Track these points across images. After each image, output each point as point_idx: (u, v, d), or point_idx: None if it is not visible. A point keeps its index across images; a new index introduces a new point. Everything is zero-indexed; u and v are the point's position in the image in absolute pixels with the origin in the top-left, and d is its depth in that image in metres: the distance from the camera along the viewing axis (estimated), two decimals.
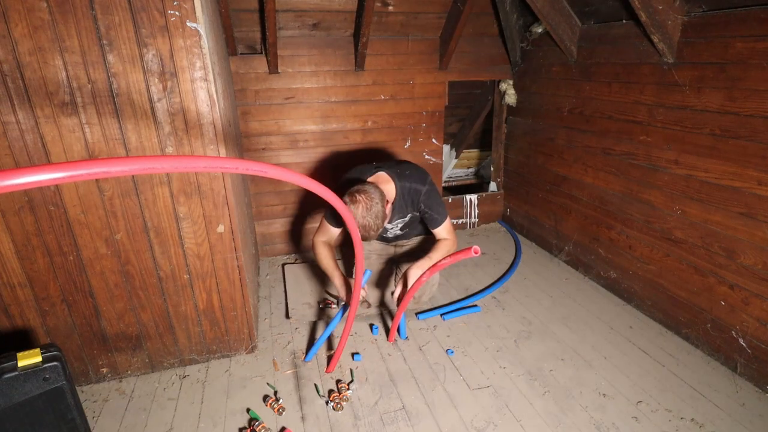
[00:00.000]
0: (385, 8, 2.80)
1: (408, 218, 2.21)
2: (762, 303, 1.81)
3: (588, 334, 2.23)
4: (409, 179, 2.09)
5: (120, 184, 1.70)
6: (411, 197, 2.10)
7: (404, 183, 2.08)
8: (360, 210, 1.81)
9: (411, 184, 2.08)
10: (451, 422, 1.71)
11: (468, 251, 1.54)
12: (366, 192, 1.85)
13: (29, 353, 1.29)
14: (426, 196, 2.09)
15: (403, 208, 2.13)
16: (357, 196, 1.83)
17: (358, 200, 1.82)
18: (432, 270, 1.80)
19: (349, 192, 1.87)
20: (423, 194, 2.08)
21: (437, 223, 2.14)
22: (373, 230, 1.86)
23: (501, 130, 3.60)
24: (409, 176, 2.10)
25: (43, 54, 1.48)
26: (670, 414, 1.72)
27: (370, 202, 1.83)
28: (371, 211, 1.82)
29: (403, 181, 2.08)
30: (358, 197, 1.83)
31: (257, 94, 2.85)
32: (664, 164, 2.17)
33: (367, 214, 1.82)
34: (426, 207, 2.10)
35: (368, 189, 1.87)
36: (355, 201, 1.82)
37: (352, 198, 1.84)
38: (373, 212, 1.83)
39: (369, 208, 1.82)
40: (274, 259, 3.18)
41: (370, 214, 1.82)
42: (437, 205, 2.12)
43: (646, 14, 1.96)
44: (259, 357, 2.11)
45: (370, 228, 1.84)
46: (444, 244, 2.13)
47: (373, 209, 1.83)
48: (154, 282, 1.86)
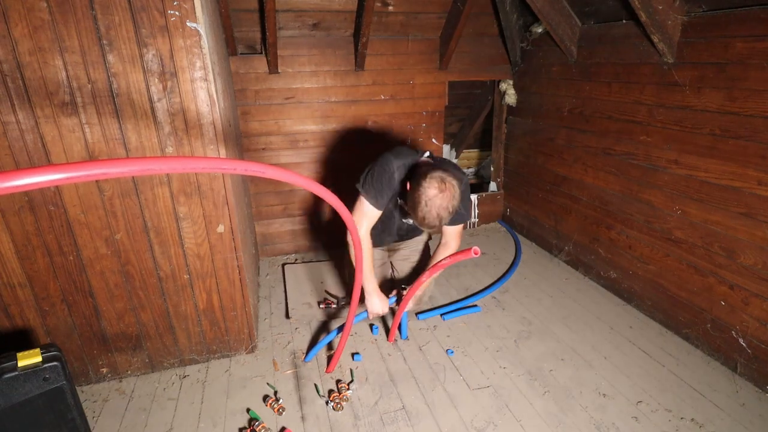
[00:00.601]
0: (385, 8, 2.80)
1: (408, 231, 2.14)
2: (762, 303, 1.80)
3: (588, 334, 2.23)
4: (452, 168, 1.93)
5: (120, 184, 1.70)
6: None
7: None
8: (446, 201, 1.66)
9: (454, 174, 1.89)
10: (451, 422, 1.71)
11: (468, 252, 1.54)
12: (454, 186, 1.69)
13: (29, 353, 1.29)
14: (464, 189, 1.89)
15: None
16: (446, 187, 1.67)
17: (446, 191, 1.66)
18: (432, 270, 1.80)
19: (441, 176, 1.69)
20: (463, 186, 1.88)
21: (461, 219, 2.00)
22: (437, 226, 1.72)
23: (501, 130, 3.60)
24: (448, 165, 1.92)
25: (43, 54, 1.48)
26: (670, 414, 1.72)
27: (456, 190, 1.68)
28: (455, 200, 1.68)
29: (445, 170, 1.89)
30: (447, 188, 1.66)
31: (257, 94, 2.85)
32: (664, 164, 2.16)
33: (450, 203, 1.67)
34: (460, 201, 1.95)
35: (453, 174, 1.72)
36: (443, 190, 1.66)
37: (442, 185, 1.67)
38: (456, 201, 1.69)
39: (454, 196, 1.68)
40: (274, 259, 3.18)
41: (454, 203, 1.68)
42: (468, 201, 1.98)
43: (646, 14, 1.96)
44: (259, 357, 2.11)
45: (436, 222, 1.69)
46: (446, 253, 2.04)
47: (456, 198, 1.69)
48: (154, 282, 1.86)
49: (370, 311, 2.03)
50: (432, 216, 1.66)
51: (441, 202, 1.64)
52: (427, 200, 1.65)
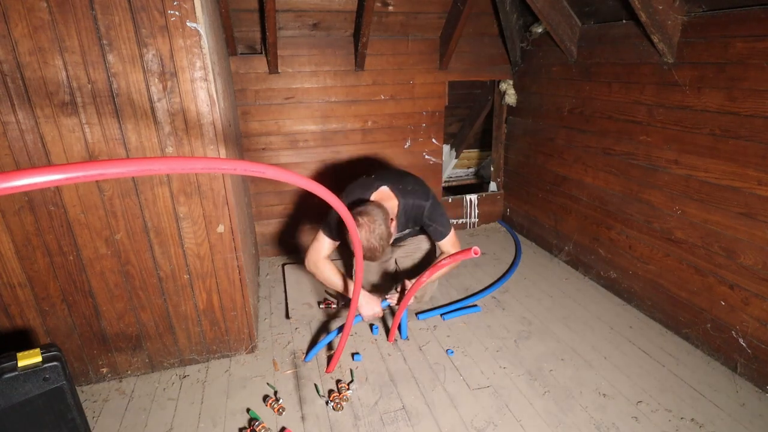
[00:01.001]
0: (385, 8, 2.80)
1: (407, 232, 2.18)
2: (762, 303, 1.80)
3: (588, 334, 2.23)
4: (412, 195, 2.04)
5: (120, 184, 1.70)
6: (414, 212, 2.06)
7: (407, 200, 2.03)
8: (364, 233, 1.78)
9: (414, 200, 2.03)
10: (451, 422, 1.71)
11: (468, 252, 1.54)
12: (369, 214, 1.81)
13: (29, 353, 1.29)
14: (429, 211, 2.05)
15: (403, 224, 2.08)
16: (360, 219, 1.79)
17: (361, 223, 1.78)
18: (432, 270, 1.80)
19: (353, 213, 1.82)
20: (426, 209, 2.04)
21: (442, 235, 2.10)
22: (379, 252, 1.83)
23: (501, 130, 3.60)
24: (411, 192, 2.05)
25: (43, 54, 1.48)
26: (670, 414, 1.72)
27: (374, 224, 1.79)
28: (374, 234, 1.79)
29: (406, 198, 2.03)
30: (361, 220, 1.79)
31: (257, 94, 2.85)
32: (664, 164, 2.16)
33: (371, 236, 1.78)
34: (430, 221, 2.06)
35: (371, 210, 1.83)
36: (359, 224, 1.78)
37: (355, 221, 1.76)
38: (377, 234, 1.79)
39: (372, 230, 1.79)
40: (274, 259, 3.18)
41: (374, 236, 1.79)
42: (440, 217, 2.08)
43: (646, 14, 1.96)
44: (259, 357, 2.11)
45: (376, 250, 1.81)
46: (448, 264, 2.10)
47: (377, 231, 1.79)
48: (154, 282, 1.86)
49: (365, 315, 2.07)
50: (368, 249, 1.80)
51: (362, 237, 1.78)
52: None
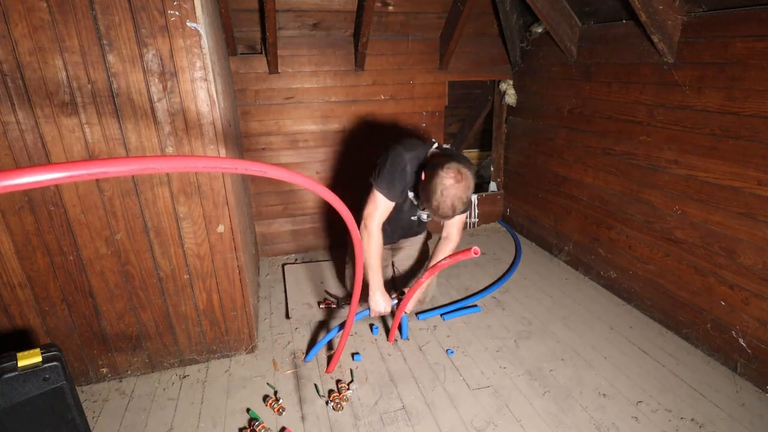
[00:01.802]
0: (385, 8, 2.80)
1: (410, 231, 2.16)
2: (762, 303, 1.80)
3: (588, 334, 2.23)
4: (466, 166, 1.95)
5: (120, 184, 1.70)
6: None
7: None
8: (461, 191, 1.72)
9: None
10: (451, 422, 1.71)
11: (468, 252, 1.54)
12: (469, 177, 1.75)
13: (29, 353, 1.29)
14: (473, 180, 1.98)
15: None
16: (462, 178, 1.72)
17: (462, 181, 1.72)
18: (432, 270, 1.80)
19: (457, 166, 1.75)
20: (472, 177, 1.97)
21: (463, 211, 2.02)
22: (451, 215, 1.78)
23: (501, 130, 3.60)
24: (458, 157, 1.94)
25: (43, 54, 1.48)
26: (670, 414, 1.72)
27: (470, 183, 1.75)
28: (470, 190, 1.75)
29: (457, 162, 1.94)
30: (463, 179, 1.72)
31: (257, 94, 2.85)
32: (664, 164, 2.16)
33: (465, 193, 1.73)
34: None
35: (468, 174, 1.76)
36: (459, 180, 1.72)
37: (458, 176, 1.73)
38: (469, 194, 1.76)
39: (469, 186, 1.74)
40: (274, 259, 3.18)
41: (467, 195, 1.75)
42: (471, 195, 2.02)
43: (646, 14, 1.96)
44: (259, 357, 2.11)
45: (451, 212, 1.76)
46: (447, 246, 2.09)
47: (469, 192, 1.76)
48: (154, 282, 1.86)
49: (373, 309, 2.04)
50: (447, 205, 1.72)
51: (456, 192, 1.70)
52: (443, 190, 1.71)
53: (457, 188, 1.70)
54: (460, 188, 1.70)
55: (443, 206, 1.72)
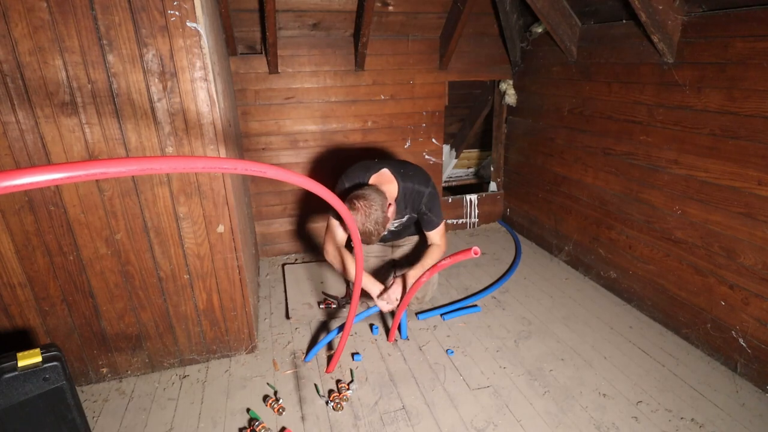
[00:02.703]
0: (385, 8, 2.80)
1: (405, 219, 2.20)
2: (762, 303, 1.80)
3: (588, 334, 2.23)
4: (413, 180, 2.07)
5: (120, 184, 1.70)
6: (413, 198, 2.09)
7: (407, 183, 2.06)
8: (359, 217, 1.79)
9: (414, 185, 2.06)
10: (451, 422, 1.71)
11: (468, 252, 1.54)
12: (365, 198, 1.83)
13: (29, 353, 1.29)
14: (428, 199, 2.08)
15: (402, 209, 2.11)
16: (356, 203, 1.81)
17: (357, 207, 1.80)
18: (432, 270, 1.80)
19: (348, 199, 1.86)
20: (426, 196, 2.07)
21: (433, 225, 2.13)
22: (374, 235, 1.85)
23: (501, 130, 3.60)
24: (412, 177, 2.08)
25: (43, 54, 1.48)
26: (670, 414, 1.72)
27: (369, 209, 1.81)
28: (370, 218, 1.81)
29: (406, 182, 2.06)
30: (357, 204, 1.81)
31: (257, 94, 2.85)
32: (664, 164, 2.16)
33: (366, 220, 1.80)
34: (426, 209, 2.10)
35: (368, 194, 1.84)
36: (354, 208, 1.80)
37: (351, 205, 1.82)
38: (373, 218, 1.81)
39: (368, 215, 1.80)
40: (274, 259, 3.18)
41: (370, 221, 1.81)
42: (437, 208, 2.12)
43: (646, 14, 1.96)
44: (259, 357, 2.11)
45: (371, 233, 1.83)
46: (435, 249, 2.15)
47: (372, 216, 1.81)
48: (154, 282, 1.86)
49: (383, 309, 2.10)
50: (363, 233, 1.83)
51: (357, 220, 1.80)
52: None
53: (358, 215, 1.80)
54: (360, 214, 1.80)
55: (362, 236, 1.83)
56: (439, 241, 2.17)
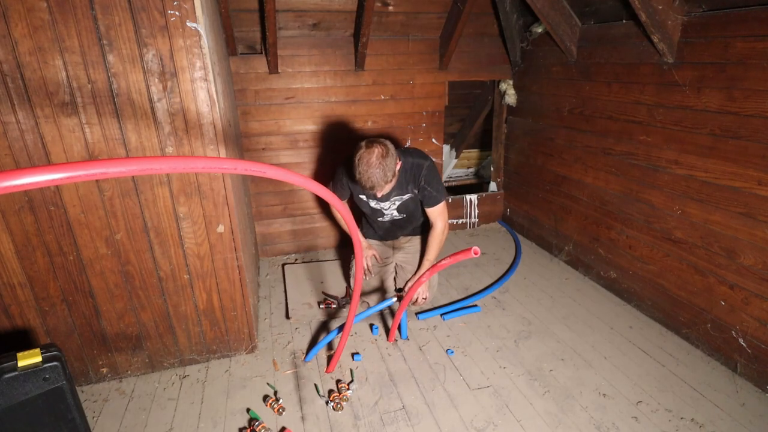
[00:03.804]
0: (385, 8, 2.80)
1: (407, 197, 2.22)
2: (762, 303, 1.80)
3: (588, 334, 2.23)
4: (412, 155, 2.15)
5: (120, 184, 1.70)
6: (413, 172, 2.14)
7: (407, 158, 2.13)
8: (374, 157, 1.81)
9: (414, 159, 2.13)
10: (451, 422, 1.71)
11: (468, 252, 1.54)
12: (383, 144, 1.87)
13: (29, 353, 1.29)
14: (427, 171, 2.13)
15: (403, 184, 2.15)
16: (375, 144, 1.84)
17: (374, 147, 1.83)
18: (432, 271, 1.80)
19: (367, 140, 1.88)
20: (425, 168, 2.12)
21: (435, 201, 2.18)
22: (382, 180, 1.86)
23: (501, 130, 3.60)
24: (412, 153, 2.16)
25: (43, 54, 1.48)
26: (670, 414, 1.72)
27: (386, 150, 1.85)
28: (385, 159, 1.84)
29: (406, 156, 2.13)
30: (376, 145, 1.84)
31: (257, 94, 2.85)
32: (664, 164, 2.16)
33: (380, 161, 1.82)
34: (426, 183, 2.13)
35: (386, 142, 1.89)
36: (371, 147, 1.83)
37: (369, 144, 1.84)
38: (387, 162, 1.84)
39: (384, 155, 1.83)
40: (274, 259, 3.18)
41: (384, 162, 1.83)
42: (437, 182, 2.16)
43: (646, 14, 1.96)
44: (259, 357, 2.11)
45: (380, 177, 1.84)
46: (434, 238, 2.20)
47: (387, 159, 1.84)
48: (154, 282, 1.86)
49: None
50: (370, 173, 1.83)
51: (372, 158, 1.82)
52: (359, 160, 1.85)
53: (371, 153, 1.82)
54: (374, 153, 1.82)
55: (367, 175, 1.84)
56: (440, 223, 2.22)
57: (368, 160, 1.84)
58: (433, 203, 2.19)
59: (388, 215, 2.33)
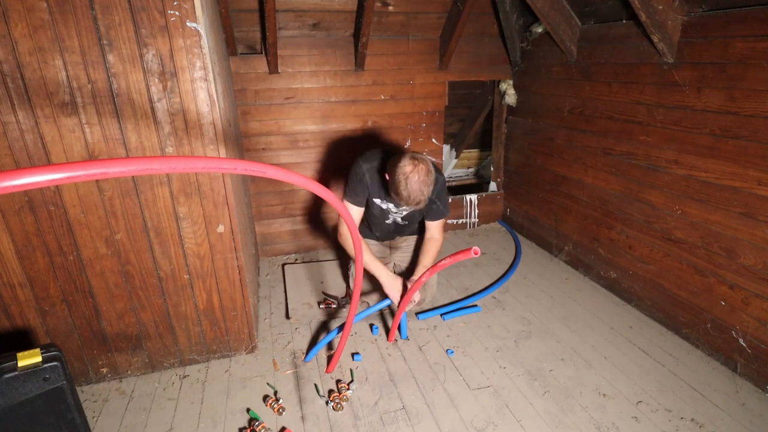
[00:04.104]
0: (385, 8, 2.80)
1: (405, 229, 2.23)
2: (762, 303, 1.80)
3: (588, 334, 2.23)
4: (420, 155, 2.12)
5: (120, 184, 1.70)
6: None
7: None
8: (421, 175, 1.81)
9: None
10: (451, 422, 1.71)
11: (468, 252, 1.54)
12: (427, 162, 1.87)
13: (29, 353, 1.29)
14: (441, 186, 2.13)
15: None
16: (420, 162, 1.83)
17: (419, 164, 1.82)
18: (432, 271, 1.80)
19: (411, 155, 1.87)
20: (439, 183, 2.10)
21: (440, 215, 2.18)
22: (421, 197, 1.86)
23: (501, 130, 3.60)
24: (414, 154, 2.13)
25: (43, 54, 1.48)
26: (670, 414, 1.72)
27: (429, 169, 1.85)
28: (429, 177, 1.84)
29: None
30: (421, 163, 1.83)
31: (257, 94, 2.85)
32: (664, 164, 2.16)
33: (425, 179, 1.82)
34: (437, 197, 2.13)
35: (428, 160, 1.89)
36: (416, 164, 1.82)
37: (414, 161, 1.83)
38: (430, 179, 1.85)
39: (429, 172, 1.84)
40: (274, 259, 3.18)
41: (428, 179, 1.84)
42: (445, 198, 2.17)
43: (646, 14, 1.96)
44: (259, 357, 2.11)
45: (420, 195, 1.84)
46: (432, 246, 2.20)
47: (431, 177, 1.85)
48: (154, 282, 1.86)
49: (393, 297, 2.13)
50: (415, 190, 1.82)
51: (418, 176, 1.81)
52: (405, 178, 1.83)
53: (418, 171, 1.81)
54: (420, 171, 1.81)
55: (412, 193, 1.82)
56: (438, 235, 2.23)
57: (417, 177, 1.82)
58: (437, 217, 2.18)
59: (392, 219, 2.32)
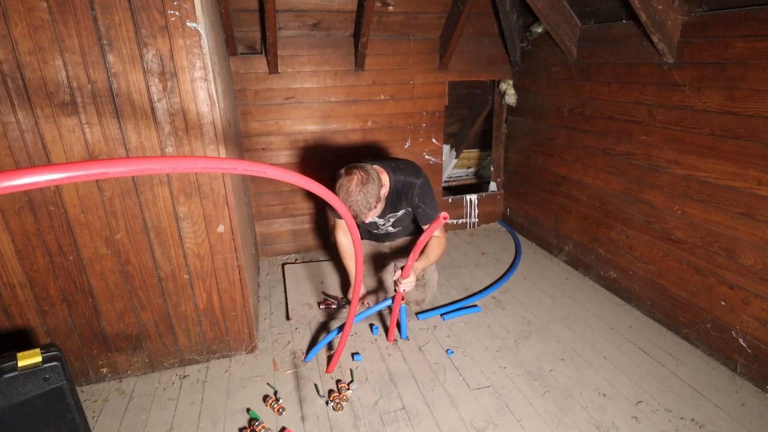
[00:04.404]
0: (385, 8, 2.80)
1: (401, 213, 2.21)
2: (762, 303, 1.80)
3: (588, 334, 2.23)
4: (404, 172, 2.09)
5: (120, 184, 1.70)
6: (405, 190, 2.10)
7: (398, 176, 2.08)
8: (353, 184, 1.78)
9: (405, 178, 2.08)
10: (451, 422, 1.71)
11: (437, 220, 1.43)
12: (364, 169, 1.84)
13: (29, 353, 1.29)
14: (420, 190, 2.09)
15: (396, 202, 2.13)
16: (354, 171, 1.81)
17: (353, 174, 1.80)
18: (414, 252, 1.70)
19: (347, 166, 1.86)
20: (417, 187, 2.08)
21: (430, 218, 2.14)
22: (364, 208, 1.82)
23: (501, 130, 3.60)
24: (403, 170, 2.10)
25: (43, 54, 1.48)
26: (670, 414, 1.72)
27: (366, 176, 1.81)
28: (365, 186, 1.80)
29: (397, 174, 2.08)
30: (355, 171, 1.81)
31: (257, 94, 2.85)
32: (664, 164, 2.16)
33: (360, 188, 1.79)
34: (419, 201, 2.10)
35: (367, 168, 1.86)
36: (350, 174, 1.80)
37: (348, 171, 1.81)
38: (367, 188, 1.80)
39: (364, 182, 1.80)
40: (274, 259, 3.18)
41: (365, 189, 1.80)
42: (430, 199, 2.13)
43: (646, 14, 1.96)
44: (259, 357, 2.11)
45: (362, 205, 1.81)
46: (434, 243, 2.15)
47: (368, 186, 1.80)
48: (154, 282, 1.86)
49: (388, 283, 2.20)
50: (354, 201, 1.80)
51: (350, 186, 1.79)
52: (339, 188, 1.83)
53: (350, 181, 1.79)
54: (353, 181, 1.79)
55: (353, 204, 1.81)
56: (439, 233, 2.18)
57: (348, 188, 1.79)
58: (429, 221, 2.14)
59: (383, 229, 2.34)
